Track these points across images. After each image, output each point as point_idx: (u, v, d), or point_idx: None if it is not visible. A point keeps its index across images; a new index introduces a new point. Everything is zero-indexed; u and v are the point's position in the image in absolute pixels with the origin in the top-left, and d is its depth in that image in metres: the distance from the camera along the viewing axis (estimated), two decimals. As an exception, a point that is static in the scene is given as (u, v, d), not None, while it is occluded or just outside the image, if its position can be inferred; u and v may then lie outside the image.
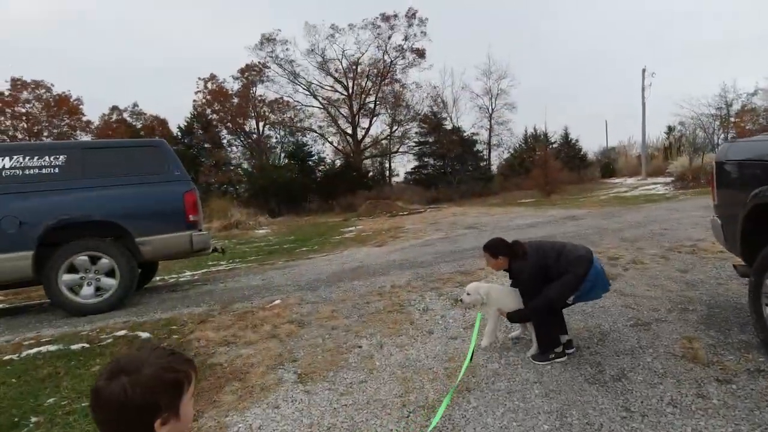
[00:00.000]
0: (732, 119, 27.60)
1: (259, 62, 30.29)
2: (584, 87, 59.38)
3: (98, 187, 4.91)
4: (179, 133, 30.28)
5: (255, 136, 32.41)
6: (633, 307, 3.72)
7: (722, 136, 26.53)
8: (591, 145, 43.84)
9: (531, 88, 51.68)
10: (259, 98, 31.55)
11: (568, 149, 32.18)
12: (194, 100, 30.71)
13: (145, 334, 3.98)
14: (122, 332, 4.03)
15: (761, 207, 2.74)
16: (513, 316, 3.07)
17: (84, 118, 31.04)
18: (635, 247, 5.79)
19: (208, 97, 30.49)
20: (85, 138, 29.39)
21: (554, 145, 32.18)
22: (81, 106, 30.64)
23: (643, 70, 25.76)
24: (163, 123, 32.99)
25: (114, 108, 32.63)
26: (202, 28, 54.20)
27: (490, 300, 3.07)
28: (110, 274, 4.87)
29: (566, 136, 33.14)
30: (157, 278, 7.27)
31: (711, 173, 3.45)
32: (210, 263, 8.72)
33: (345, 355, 3.35)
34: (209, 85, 30.48)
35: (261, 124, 32.36)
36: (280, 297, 5.03)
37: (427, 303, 4.35)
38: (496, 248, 3.05)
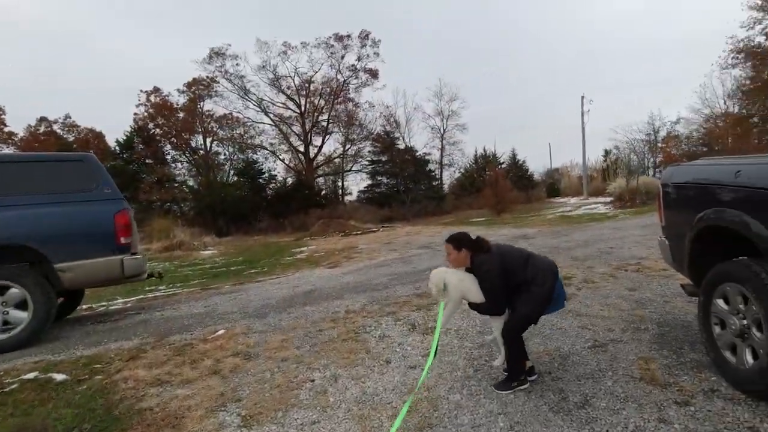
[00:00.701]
0: (659, 144, 30.28)
1: (207, 76, 29.28)
2: (530, 111, 62.85)
3: (10, 206, 4.30)
4: (117, 148, 28.43)
5: (202, 152, 31.05)
6: (589, 327, 3.72)
7: (651, 159, 29.00)
8: (537, 166, 46.42)
9: (481, 110, 54.01)
10: (207, 113, 30.40)
11: (516, 170, 33.65)
12: (135, 113, 28.98)
13: (60, 376, 3.46)
14: (32, 375, 3.48)
15: (707, 230, 2.82)
16: (473, 306, 2.90)
17: (6, 129, 28.33)
18: (585, 265, 5.94)
19: (151, 110, 28.88)
20: (6, 151, 26.80)
21: (503, 166, 33.53)
22: (2, 116, 28.01)
23: (582, 98, 27.69)
24: (99, 136, 30.90)
25: (42, 119, 30.12)
26: (146, 40, 51.88)
27: (449, 286, 2.85)
28: (22, 305, 4.25)
29: (514, 157, 34.72)
30: (84, 306, 6.53)
31: (657, 195, 3.56)
32: (147, 288, 8.01)
33: (296, 391, 3.06)
34: (152, 98, 28.90)
35: (209, 139, 31.12)
36: (225, 326, 4.63)
37: (384, 329, 4.15)
38: (459, 241, 2.90)
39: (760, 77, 23.28)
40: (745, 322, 2.51)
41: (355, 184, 35.41)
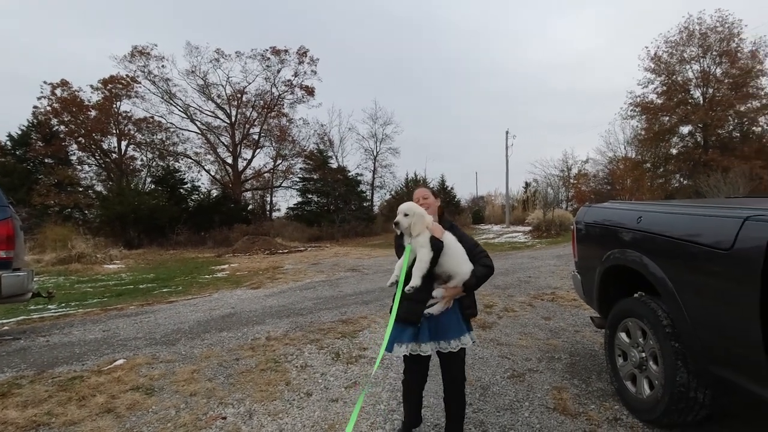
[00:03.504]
0: (572, 181, 33.41)
1: (127, 75, 27.08)
2: (460, 142, 66.39)
3: None
4: (9, 143, 25.03)
5: (115, 155, 28.36)
6: (509, 356, 3.84)
7: (565, 193, 31.87)
8: (463, 193, 48.93)
9: (414, 135, 55.95)
10: (125, 114, 27.96)
11: (445, 195, 34.97)
12: (36, 107, 25.69)
13: None
14: None
15: (613, 267, 3.06)
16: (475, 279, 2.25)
17: None
18: (506, 294, 6.22)
19: (56, 105, 25.84)
20: None
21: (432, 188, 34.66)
22: None
23: (507, 132, 29.76)
24: (-14, 129, 27.00)
25: None
26: (55, 29, 46.69)
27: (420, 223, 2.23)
28: None
29: (443, 182, 36.09)
30: (-55, 330, 5.49)
31: (572, 232, 3.83)
32: (32, 308, 6.96)
33: (204, 431, 2.76)
34: (59, 91, 25.97)
35: (124, 143, 28.58)
36: (125, 355, 4.13)
37: (306, 358, 3.95)
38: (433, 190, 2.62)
39: (652, 129, 26.84)
40: (643, 354, 2.73)
41: (285, 200, 34.57)
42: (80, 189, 26.16)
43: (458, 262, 2.23)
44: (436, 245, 2.18)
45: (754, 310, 1.79)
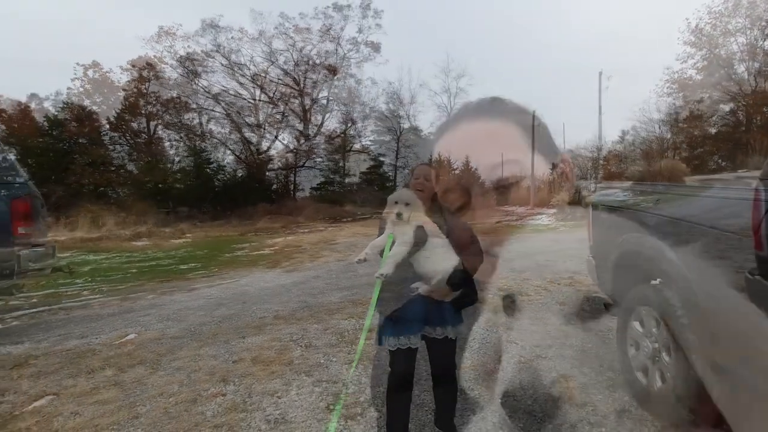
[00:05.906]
0: (601, 162, 32.13)
1: (155, 56, 27.42)
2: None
3: None
4: (46, 124, 26.00)
5: (145, 136, 29.06)
6: (517, 342, 3.72)
7: (594, 175, 30.73)
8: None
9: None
10: (153, 95, 28.43)
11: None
12: (69, 88, 26.63)
13: None
14: None
15: (628, 253, 2.87)
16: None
17: None
18: (522, 277, 6.04)
19: (88, 86, 26.69)
20: None
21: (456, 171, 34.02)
22: None
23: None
24: (25, 111, 28.12)
25: (-40, 87, 26.93)
26: (84, 10, 47.30)
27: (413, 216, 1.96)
28: None
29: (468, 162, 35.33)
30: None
31: (588, 215, 3.62)
32: (60, 282, 7.26)
33: (201, 408, 2.79)
34: (90, 73, 26.73)
35: (152, 123, 29.17)
36: (137, 330, 4.23)
37: (311, 338, 3.94)
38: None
39: (689, 107, 25.33)
40: (656, 345, 2.56)
41: (308, 180, 34.39)
42: (113, 168, 27.03)
43: (436, 260, 1.95)
44: (420, 236, 1.90)
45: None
